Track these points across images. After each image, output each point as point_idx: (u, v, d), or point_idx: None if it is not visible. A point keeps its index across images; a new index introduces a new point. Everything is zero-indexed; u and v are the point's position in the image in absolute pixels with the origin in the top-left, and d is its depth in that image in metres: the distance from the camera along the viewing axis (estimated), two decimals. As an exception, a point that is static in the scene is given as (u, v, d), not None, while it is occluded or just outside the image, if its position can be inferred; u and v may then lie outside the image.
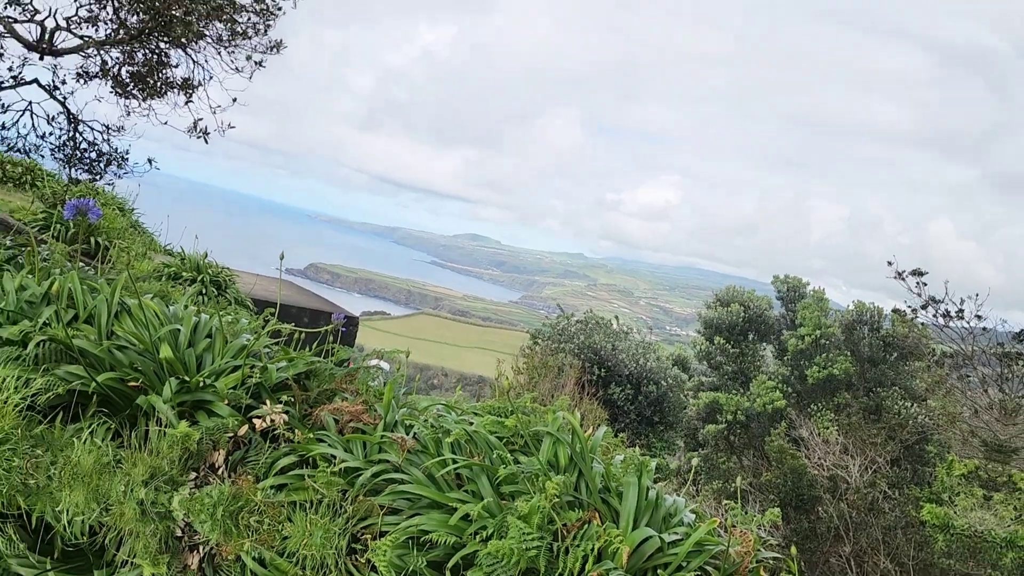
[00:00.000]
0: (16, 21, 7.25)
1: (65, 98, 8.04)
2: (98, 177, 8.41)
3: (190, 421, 4.85)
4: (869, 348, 24.84)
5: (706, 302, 28.17)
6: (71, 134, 8.15)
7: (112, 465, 4.38)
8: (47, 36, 7.40)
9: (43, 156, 8.31)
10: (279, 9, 8.15)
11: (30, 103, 7.89)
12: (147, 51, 8.02)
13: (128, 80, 8.05)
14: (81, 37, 7.57)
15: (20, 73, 7.62)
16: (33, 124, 8.06)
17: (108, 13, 7.85)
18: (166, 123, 8.07)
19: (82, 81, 8.07)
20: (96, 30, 7.74)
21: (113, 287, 5.79)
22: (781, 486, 18.28)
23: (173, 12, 7.47)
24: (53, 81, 7.92)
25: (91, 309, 5.71)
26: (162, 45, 8.05)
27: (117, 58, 7.99)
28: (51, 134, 8.16)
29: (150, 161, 8.35)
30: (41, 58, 7.49)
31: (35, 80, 7.87)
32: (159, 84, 8.13)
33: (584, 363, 20.21)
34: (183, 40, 7.83)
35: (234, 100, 8.09)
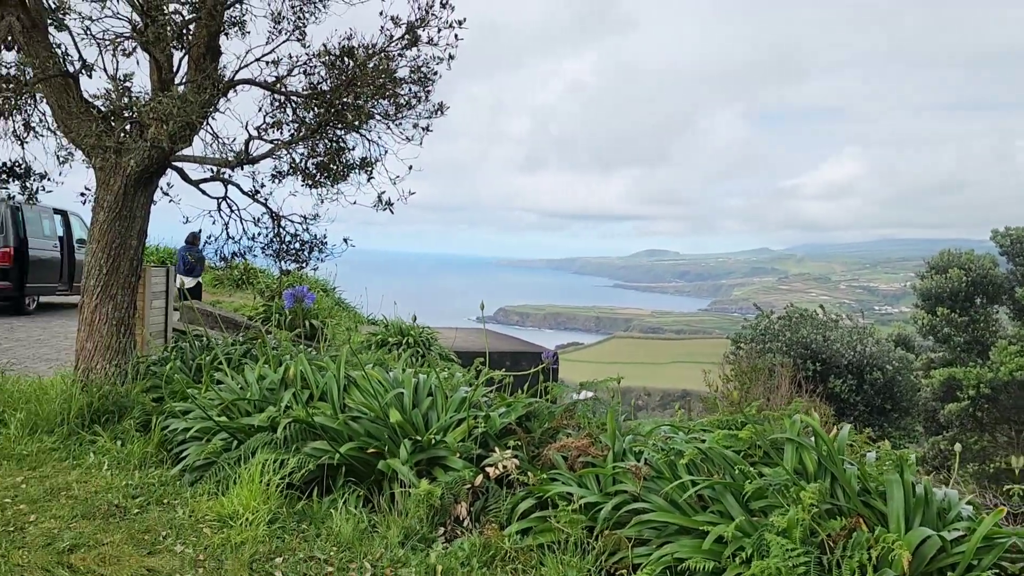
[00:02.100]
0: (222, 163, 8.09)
1: (266, 199, 8.77)
2: (304, 265, 9.09)
3: (428, 478, 5.04)
4: None
5: (919, 272, 25.86)
6: (276, 231, 8.89)
7: (369, 530, 4.62)
8: (244, 147, 8.16)
9: (255, 255, 9.11)
10: (435, 74, 8.48)
11: (238, 209, 8.70)
12: (326, 141, 8.61)
13: (315, 171, 8.67)
14: (271, 141, 8.27)
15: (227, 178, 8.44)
16: (243, 229, 8.85)
17: (288, 115, 8.52)
18: (355, 203, 8.58)
19: (276, 181, 8.77)
20: (281, 132, 8.41)
21: (338, 363, 6.20)
22: (1053, 460, 16.24)
23: (344, 100, 7.98)
24: (254, 186, 8.67)
25: (323, 387, 6.13)
26: (338, 132, 8.61)
27: (303, 153, 8.64)
28: (259, 234, 8.94)
29: (346, 240, 8.92)
30: (242, 167, 8.26)
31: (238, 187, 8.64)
32: (341, 168, 8.68)
33: (795, 360, 19.17)
34: (355, 123, 8.33)
35: (410, 168, 8.48)
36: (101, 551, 4.22)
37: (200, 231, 8.91)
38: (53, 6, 7.10)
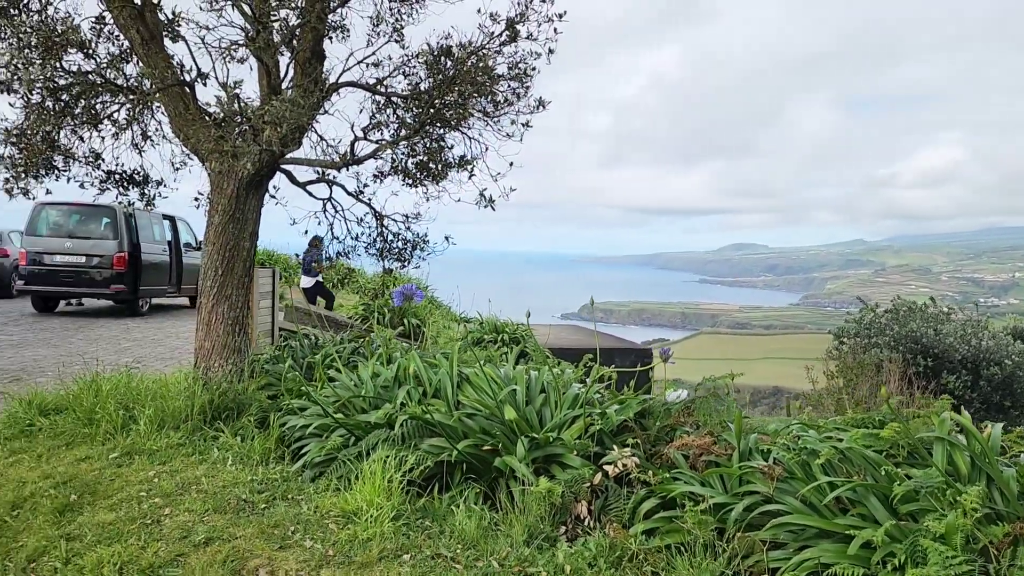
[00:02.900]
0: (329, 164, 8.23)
1: (369, 199, 8.89)
2: (406, 263, 9.18)
3: (545, 475, 4.97)
4: None
5: (1036, 262, 24.41)
6: (379, 230, 9.00)
7: (491, 528, 4.58)
8: (350, 148, 8.29)
9: (359, 255, 9.24)
10: (534, 69, 8.41)
11: (343, 209, 8.85)
12: (427, 140, 8.66)
13: (415, 170, 8.74)
14: (375, 142, 8.38)
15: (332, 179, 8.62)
16: (347, 228, 8.99)
17: (389, 116, 8.61)
18: (459, 200, 8.60)
19: (378, 181, 8.89)
20: (383, 133, 8.51)
21: (450, 360, 6.20)
22: None
23: (445, 99, 8.01)
24: (357, 186, 8.81)
25: (436, 384, 6.14)
26: (438, 131, 8.65)
27: (404, 153, 8.72)
28: (363, 234, 9.08)
29: (447, 238, 8.94)
30: (347, 168, 8.40)
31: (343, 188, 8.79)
32: (441, 167, 8.72)
33: (904, 355, 18.28)
34: (454, 122, 8.35)
35: (511, 164, 8.42)
36: (235, 544, 4.32)
37: (309, 233, 9.07)
38: (169, 19, 7.34)
